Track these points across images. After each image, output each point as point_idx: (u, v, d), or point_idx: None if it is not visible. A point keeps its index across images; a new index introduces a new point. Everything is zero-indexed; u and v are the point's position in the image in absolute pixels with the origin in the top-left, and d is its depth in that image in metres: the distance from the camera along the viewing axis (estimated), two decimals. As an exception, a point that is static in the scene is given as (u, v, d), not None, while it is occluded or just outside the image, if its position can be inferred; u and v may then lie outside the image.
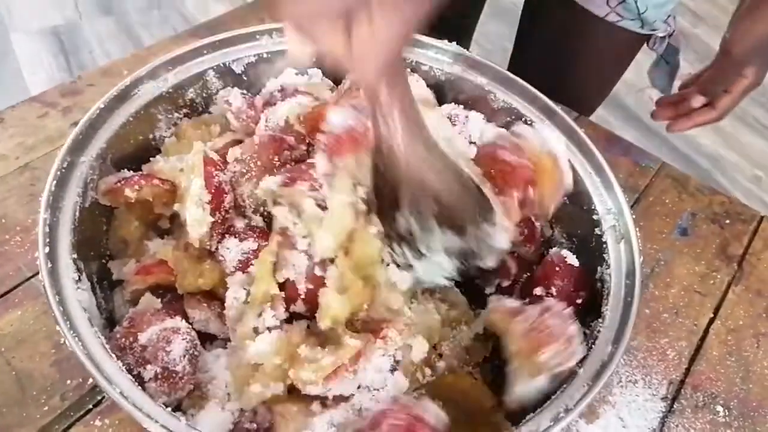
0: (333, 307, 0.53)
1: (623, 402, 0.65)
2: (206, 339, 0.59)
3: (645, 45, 0.98)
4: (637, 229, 0.61)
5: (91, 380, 0.58)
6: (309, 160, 0.63)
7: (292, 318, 0.58)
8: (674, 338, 0.71)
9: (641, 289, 0.57)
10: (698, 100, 0.87)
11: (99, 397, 0.58)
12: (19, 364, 0.59)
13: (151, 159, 0.66)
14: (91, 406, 0.57)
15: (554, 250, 0.65)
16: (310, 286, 0.55)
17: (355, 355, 0.50)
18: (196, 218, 0.55)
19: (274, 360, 0.52)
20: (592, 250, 0.61)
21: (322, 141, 0.58)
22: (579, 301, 0.60)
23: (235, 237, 0.58)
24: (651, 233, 0.81)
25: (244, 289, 0.56)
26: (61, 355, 0.60)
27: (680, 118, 0.90)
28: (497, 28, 1.21)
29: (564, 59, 1.03)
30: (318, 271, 0.55)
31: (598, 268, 0.61)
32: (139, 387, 0.47)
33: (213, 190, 0.55)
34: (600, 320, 0.55)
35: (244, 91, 0.72)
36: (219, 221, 0.56)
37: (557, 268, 0.61)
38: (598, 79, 1.09)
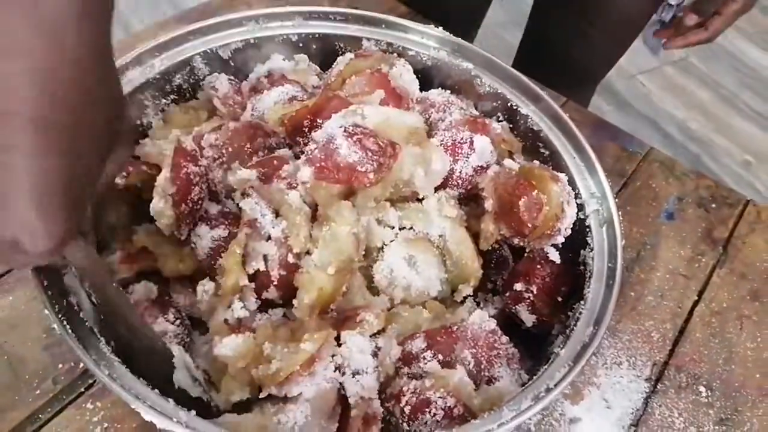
0: (318, 278, 0.54)
1: (608, 383, 0.66)
2: (197, 324, 0.59)
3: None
4: (620, 213, 0.61)
5: (82, 364, 0.59)
6: (280, 151, 0.63)
7: (267, 307, 0.58)
8: (659, 321, 0.72)
9: (622, 272, 0.57)
10: (691, 18, 0.94)
11: (90, 381, 0.59)
12: (12, 348, 0.60)
13: (140, 142, 0.66)
14: (83, 390, 0.58)
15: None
16: (283, 273, 0.56)
17: (308, 360, 0.49)
18: (158, 210, 0.55)
19: (238, 363, 0.52)
20: (576, 234, 0.61)
21: (315, 155, 0.57)
22: (560, 298, 0.60)
23: (207, 224, 0.58)
24: (638, 217, 0.82)
25: (212, 281, 0.57)
26: (52, 339, 0.61)
27: (675, 37, 0.97)
28: (490, 13, 1.21)
29: (583, 30, 1.05)
30: (292, 259, 0.56)
31: (582, 251, 0.62)
32: (128, 369, 0.47)
33: (179, 182, 0.55)
34: (582, 302, 0.56)
35: (231, 77, 0.72)
36: (186, 212, 0.56)
37: (538, 265, 0.61)
38: (618, 49, 1.13)
